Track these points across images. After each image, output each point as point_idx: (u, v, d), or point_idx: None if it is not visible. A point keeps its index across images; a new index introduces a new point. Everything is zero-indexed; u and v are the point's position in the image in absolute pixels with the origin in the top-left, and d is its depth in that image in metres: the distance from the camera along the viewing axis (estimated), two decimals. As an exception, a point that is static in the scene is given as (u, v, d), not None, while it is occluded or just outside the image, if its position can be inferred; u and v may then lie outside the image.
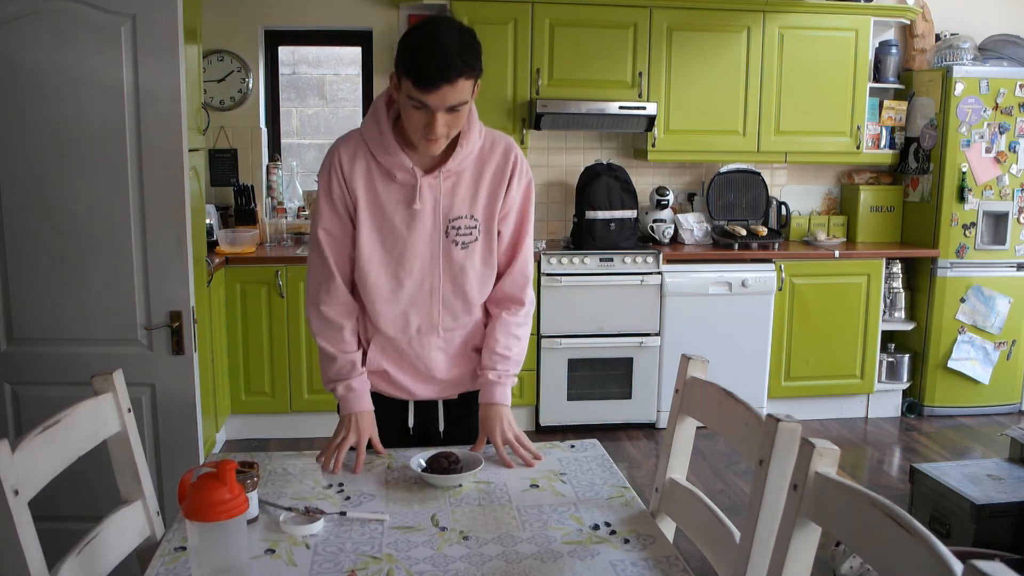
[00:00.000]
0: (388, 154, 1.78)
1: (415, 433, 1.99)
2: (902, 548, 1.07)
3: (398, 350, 1.91)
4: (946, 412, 4.84)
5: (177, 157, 2.36)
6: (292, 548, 1.47)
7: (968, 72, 4.62)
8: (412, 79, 1.62)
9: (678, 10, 4.51)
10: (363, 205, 1.81)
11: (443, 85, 1.60)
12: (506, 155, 1.85)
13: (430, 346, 1.90)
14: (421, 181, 1.78)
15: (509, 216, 1.88)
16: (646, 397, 4.53)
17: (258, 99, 4.70)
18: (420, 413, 1.99)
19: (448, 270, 1.85)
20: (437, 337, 1.90)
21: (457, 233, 1.83)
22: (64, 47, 2.31)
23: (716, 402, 1.63)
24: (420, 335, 1.89)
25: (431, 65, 1.60)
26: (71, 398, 1.55)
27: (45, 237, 2.38)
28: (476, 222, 1.84)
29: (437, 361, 1.92)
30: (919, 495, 3.21)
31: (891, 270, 4.79)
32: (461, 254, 1.84)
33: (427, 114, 1.66)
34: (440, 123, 1.66)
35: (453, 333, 1.91)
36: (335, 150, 1.83)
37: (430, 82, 1.60)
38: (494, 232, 1.87)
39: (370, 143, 1.80)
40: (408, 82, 1.63)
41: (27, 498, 1.32)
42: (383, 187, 1.81)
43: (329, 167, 1.82)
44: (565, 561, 1.43)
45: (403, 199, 1.80)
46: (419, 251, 1.83)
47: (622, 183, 4.55)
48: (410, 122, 1.70)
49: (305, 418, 4.35)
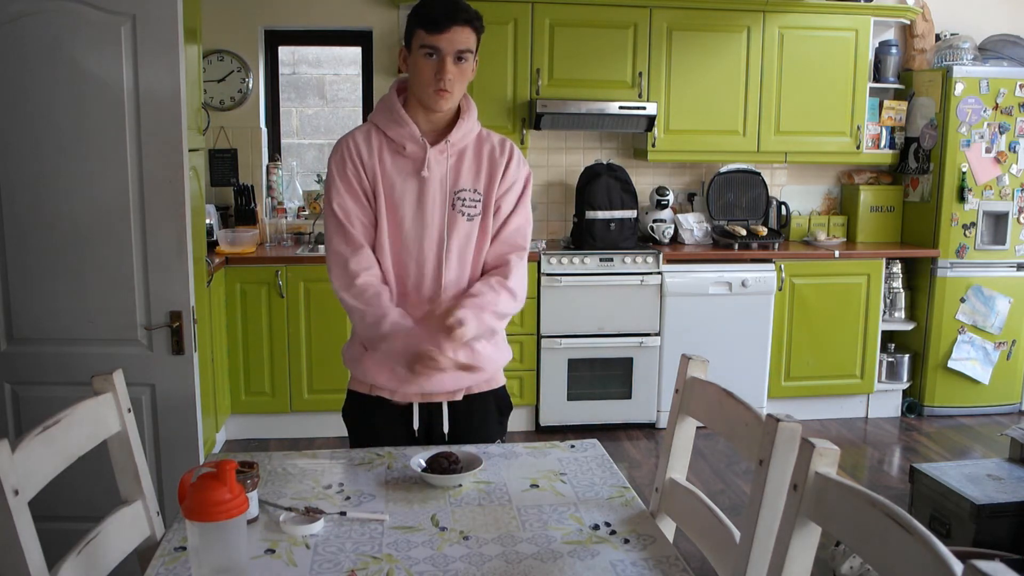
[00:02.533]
0: (399, 125, 1.89)
1: (420, 435, 1.99)
2: (902, 548, 1.07)
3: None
4: (946, 412, 4.84)
5: (177, 157, 2.36)
6: (292, 548, 1.47)
7: (968, 72, 4.62)
8: (424, 27, 1.81)
9: (678, 10, 4.51)
10: (381, 188, 1.89)
11: (452, 26, 1.79)
12: (503, 142, 1.99)
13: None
14: (429, 152, 1.88)
15: (510, 192, 1.97)
16: (646, 397, 4.53)
17: (258, 99, 4.70)
18: (425, 415, 1.98)
19: (456, 239, 1.91)
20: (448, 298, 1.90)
21: (463, 204, 1.92)
22: (64, 47, 2.31)
23: (716, 402, 1.63)
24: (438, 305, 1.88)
25: (440, 10, 1.80)
26: (71, 398, 1.55)
27: (45, 237, 2.38)
28: (480, 197, 1.93)
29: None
30: (919, 495, 3.21)
31: (891, 270, 4.79)
32: (467, 225, 1.92)
33: (437, 61, 1.81)
34: (449, 69, 1.81)
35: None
36: (348, 135, 1.93)
37: (440, 24, 1.79)
38: (491, 211, 1.94)
39: (380, 122, 1.92)
40: (420, 31, 1.81)
41: (27, 498, 1.32)
42: (393, 163, 1.90)
43: (343, 149, 1.91)
44: (565, 561, 1.43)
45: (413, 171, 1.89)
46: (430, 221, 1.90)
47: (622, 183, 4.55)
48: (423, 76, 1.83)
49: (305, 418, 4.35)
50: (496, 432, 2.05)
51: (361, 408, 2.00)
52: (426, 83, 1.83)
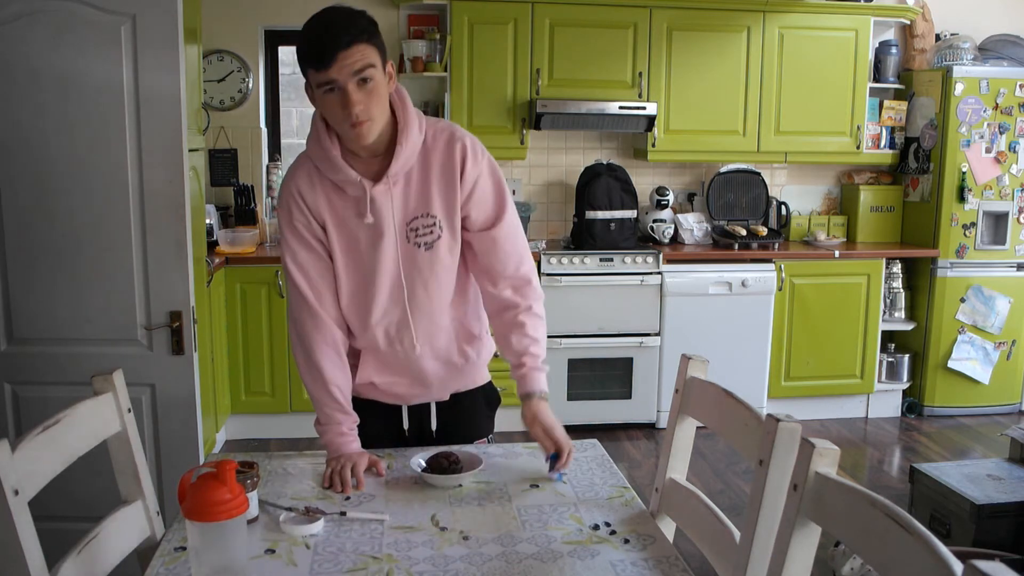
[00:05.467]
0: (335, 170, 1.73)
1: (410, 435, 1.98)
2: (902, 548, 1.07)
3: (388, 363, 1.87)
4: (946, 412, 4.84)
5: (177, 157, 2.36)
6: (292, 548, 1.47)
7: (968, 72, 4.62)
8: (312, 65, 1.61)
9: (678, 10, 4.51)
10: (331, 228, 1.77)
11: (337, 54, 1.57)
12: (449, 143, 1.77)
13: (419, 357, 1.85)
14: (371, 192, 1.73)
15: (476, 191, 1.79)
16: (646, 397, 4.53)
17: (258, 99, 4.70)
18: (414, 415, 1.98)
19: (417, 275, 1.80)
20: (423, 345, 1.85)
21: (416, 235, 1.77)
22: (64, 47, 2.31)
23: (716, 402, 1.63)
24: (405, 347, 1.84)
25: (320, 41, 1.59)
26: (71, 398, 1.55)
27: (45, 237, 2.38)
28: (435, 218, 1.77)
29: (428, 369, 1.88)
30: (919, 495, 3.21)
31: (891, 270, 4.79)
32: (426, 256, 1.78)
33: (339, 94, 1.61)
34: (355, 98, 1.61)
35: (437, 338, 1.86)
36: (290, 182, 1.78)
37: (325, 57, 1.58)
38: (457, 223, 1.80)
39: (317, 162, 1.76)
40: (311, 71, 1.62)
41: (27, 498, 1.32)
42: (342, 206, 1.76)
43: (289, 200, 1.77)
44: (565, 561, 1.43)
45: (357, 213, 1.75)
46: (385, 263, 1.77)
47: (622, 183, 4.55)
48: (332, 114, 1.66)
49: (305, 418, 4.29)
50: (486, 427, 2.03)
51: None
52: (340, 120, 1.64)
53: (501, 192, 1.82)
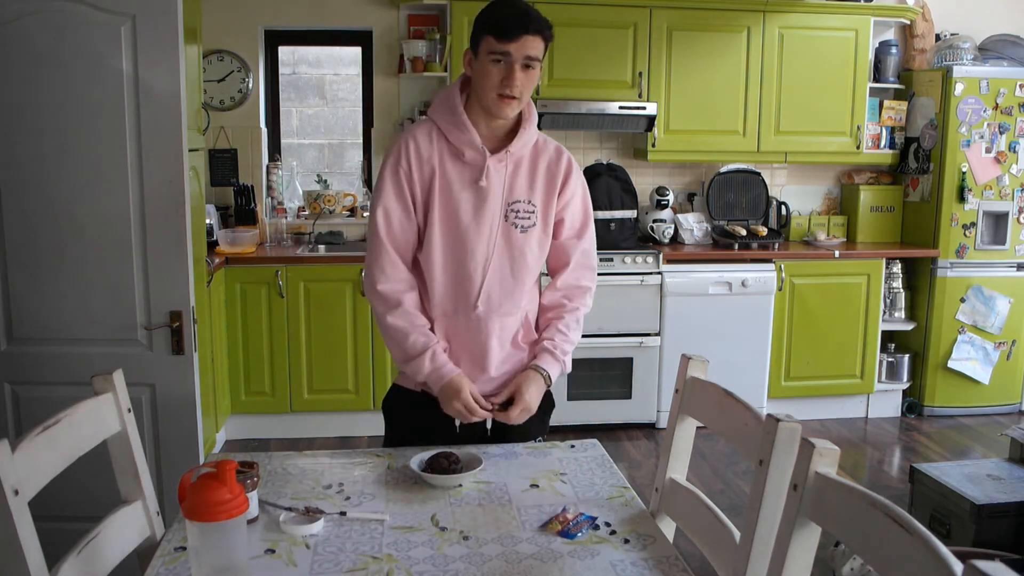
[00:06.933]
0: (460, 130, 1.88)
1: (462, 431, 1.96)
2: (902, 548, 1.07)
3: (456, 333, 1.92)
4: (946, 412, 4.84)
5: (177, 157, 2.36)
6: (292, 548, 1.47)
7: (968, 72, 4.62)
8: (494, 33, 1.79)
9: (678, 10, 4.51)
10: (436, 188, 1.88)
11: (523, 35, 1.78)
12: (559, 152, 1.99)
13: (488, 332, 1.91)
14: (488, 161, 1.87)
15: (573, 202, 1.99)
16: (646, 397, 4.53)
17: (258, 99, 4.70)
18: None
19: (507, 252, 1.91)
20: (493, 321, 1.92)
21: (517, 216, 1.92)
22: (64, 47, 2.31)
23: (716, 402, 1.63)
24: (478, 317, 1.91)
25: (511, 17, 1.79)
26: (71, 398, 1.55)
27: (45, 237, 2.38)
28: (534, 208, 1.93)
29: (492, 350, 1.92)
30: (919, 495, 3.21)
31: (891, 270, 4.79)
32: (520, 237, 1.92)
33: (505, 67, 1.80)
34: (518, 77, 1.80)
35: (508, 319, 1.94)
36: (410, 132, 1.91)
37: (511, 32, 1.77)
38: (551, 222, 1.96)
39: (441, 123, 1.90)
40: (489, 38, 1.80)
41: (27, 498, 1.32)
42: (452, 168, 1.89)
43: (402, 148, 1.89)
44: (565, 561, 1.43)
45: (470, 179, 1.89)
46: (483, 231, 1.89)
47: (622, 183, 4.55)
48: (489, 81, 1.82)
49: (305, 418, 4.35)
50: (538, 429, 2.04)
51: (406, 402, 2.00)
52: (493, 87, 1.82)
53: (589, 211, 2.04)
